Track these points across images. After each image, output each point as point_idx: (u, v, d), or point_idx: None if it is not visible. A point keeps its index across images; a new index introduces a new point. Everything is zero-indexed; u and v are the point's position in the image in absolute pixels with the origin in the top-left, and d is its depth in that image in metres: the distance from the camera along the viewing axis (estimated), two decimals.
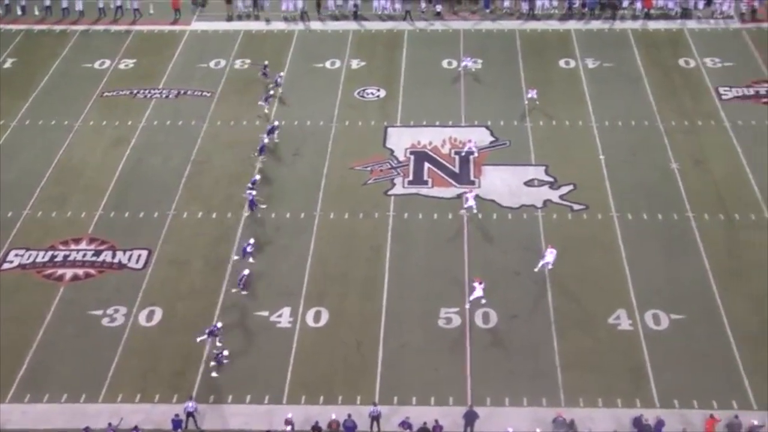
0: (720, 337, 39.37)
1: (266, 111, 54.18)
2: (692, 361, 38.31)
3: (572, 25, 64.05)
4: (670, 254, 43.65)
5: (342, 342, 39.56)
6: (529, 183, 48.58)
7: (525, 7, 65.57)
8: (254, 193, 46.77)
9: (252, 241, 44.03)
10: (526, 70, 58.37)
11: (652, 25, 63.69)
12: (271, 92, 55.55)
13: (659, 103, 54.67)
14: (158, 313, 41.22)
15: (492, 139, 51.93)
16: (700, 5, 64.78)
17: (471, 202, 46.11)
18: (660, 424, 35.24)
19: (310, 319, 40.76)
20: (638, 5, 64.94)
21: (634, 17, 64.44)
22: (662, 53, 60.20)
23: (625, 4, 65.19)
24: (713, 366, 38.12)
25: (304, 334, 40.05)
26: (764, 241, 44.21)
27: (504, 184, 48.48)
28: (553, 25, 64.16)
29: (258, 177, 48.32)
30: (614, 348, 39.00)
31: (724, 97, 55.25)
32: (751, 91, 55.74)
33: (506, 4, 65.96)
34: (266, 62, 57.80)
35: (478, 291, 40.90)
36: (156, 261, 44.04)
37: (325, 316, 40.92)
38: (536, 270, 42.72)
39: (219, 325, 39.57)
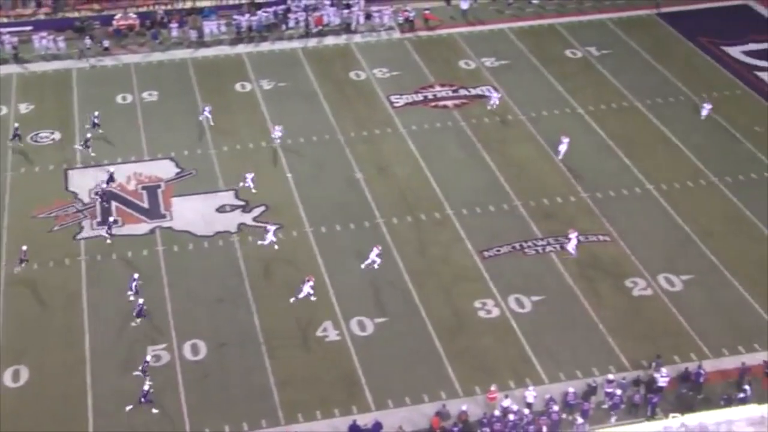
0: (422, 333, 41.27)
1: (93, 154, 52.06)
2: (400, 360, 39.90)
3: (243, 48, 64.81)
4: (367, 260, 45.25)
5: (48, 397, 37.92)
6: (221, 209, 48.71)
7: (194, 35, 65.60)
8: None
9: (136, 275, 42.46)
10: (203, 97, 58.46)
11: (321, 41, 65.64)
12: (89, 135, 53.02)
13: (337, 117, 56.50)
14: None
15: (178, 170, 51.63)
16: (362, 20, 67.47)
17: (271, 237, 45.79)
18: (377, 426, 36.44)
19: (8, 380, 38.76)
20: (302, 25, 66.62)
21: (301, 36, 66.10)
22: (333, 68, 62.23)
23: (292, 24, 66.75)
24: (419, 361, 39.88)
25: (2, 396, 38.02)
26: (448, 237, 46.80)
27: (196, 213, 48.33)
28: (225, 50, 64.64)
29: (113, 218, 47.06)
30: (325, 360, 39.90)
31: (396, 104, 57.91)
32: (420, 97, 58.79)
33: (174, 33, 65.69)
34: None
35: (307, 288, 41.94)
36: None
37: (24, 374, 39.06)
38: (363, 266, 43.94)
39: (148, 358, 38.67)
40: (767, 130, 55.06)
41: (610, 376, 38.36)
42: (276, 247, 45.79)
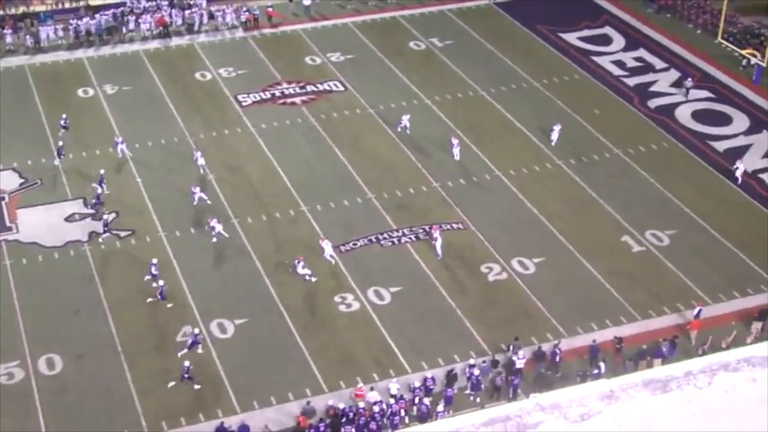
0: (283, 331, 40.96)
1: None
2: (263, 360, 39.54)
3: (83, 53, 63.05)
4: (223, 263, 44.70)
5: None
6: (69, 219, 47.29)
7: (30, 41, 63.41)
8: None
9: (155, 261, 42.98)
10: (44, 104, 56.60)
11: (164, 43, 64.45)
12: (61, 143, 51.07)
13: (185, 119, 55.55)
14: None
15: (21, 180, 49.87)
16: (204, 20, 66.48)
17: (219, 229, 45.86)
18: (244, 428, 36.02)
19: None
20: (143, 27, 65.08)
21: (144, 38, 64.77)
22: (178, 70, 61.20)
23: (132, 26, 65.23)
24: (282, 360, 39.58)
25: None
26: (304, 233, 46.54)
27: (43, 224, 46.77)
28: (63, 55, 62.70)
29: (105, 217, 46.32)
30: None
31: (244, 103, 57.36)
32: (268, 95, 58.39)
33: (9, 39, 63.30)
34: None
35: (302, 270, 43.19)
36: None
37: None
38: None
39: (197, 331, 39.36)
40: (605, 112, 56.94)
41: (471, 361, 38.92)
42: (226, 235, 45.80)
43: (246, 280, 43.65)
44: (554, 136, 53.18)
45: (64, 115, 53.78)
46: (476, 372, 38.11)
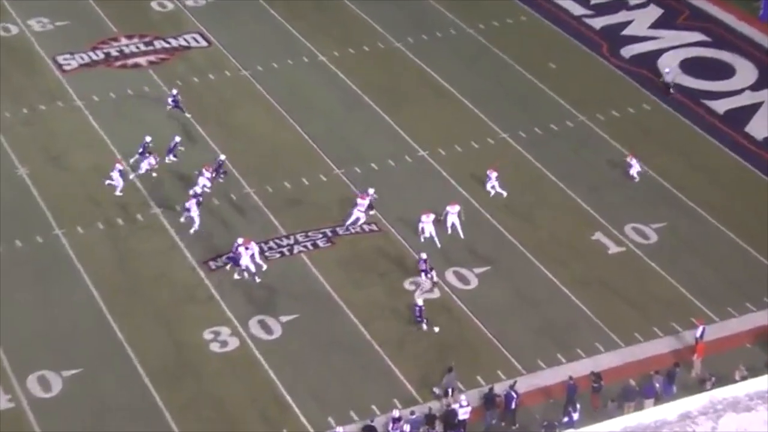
0: (132, 383, 40.00)
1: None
2: (107, 425, 38.55)
3: None
4: (45, 290, 43.80)
5: None
6: None
7: None
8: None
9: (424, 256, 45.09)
10: None
11: None
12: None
13: None
14: None
15: None
16: None
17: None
18: None
19: None
20: None
21: None
22: None
23: None
24: (134, 421, 38.67)
25: None
26: (159, 245, 46.05)
27: None
28: None
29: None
30: None
31: (66, 68, 56.56)
32: (100, 55, 57.69)
33: None
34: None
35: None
36: None
37: None
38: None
39: (424, 256, 43.85)
40: (564, 66, 57.25)
41: (396, 413, 38.43)
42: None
43: (77, 313, 42.71)
44: (494, 186, 48.98)
45: (174, 91, 53.80)
46: (407, 428, 37.64)
